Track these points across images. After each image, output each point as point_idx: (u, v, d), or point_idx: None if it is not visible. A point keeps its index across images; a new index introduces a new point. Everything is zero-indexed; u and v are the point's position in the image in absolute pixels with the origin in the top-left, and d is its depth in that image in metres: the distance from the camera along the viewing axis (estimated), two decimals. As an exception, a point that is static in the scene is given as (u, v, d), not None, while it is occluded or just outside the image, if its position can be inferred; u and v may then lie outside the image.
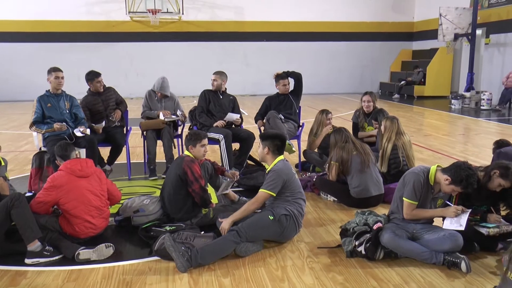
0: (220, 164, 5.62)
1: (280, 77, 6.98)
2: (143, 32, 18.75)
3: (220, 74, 6.73)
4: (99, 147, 6.03)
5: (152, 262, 3.82)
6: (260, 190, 4.17)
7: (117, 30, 18.50)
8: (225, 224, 4.02)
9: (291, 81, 7.05)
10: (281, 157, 4.32)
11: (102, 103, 6.39)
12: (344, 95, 19.30)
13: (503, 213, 4.26)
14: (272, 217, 4.03)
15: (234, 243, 3.84)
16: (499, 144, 5.59)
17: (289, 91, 7.03)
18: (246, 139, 6.44)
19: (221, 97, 6.72)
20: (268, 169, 4.29)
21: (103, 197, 4.26)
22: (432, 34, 17.51)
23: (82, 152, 5.70)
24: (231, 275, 3.60)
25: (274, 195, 4.14)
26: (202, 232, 4.15)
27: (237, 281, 3.51)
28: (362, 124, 6.91)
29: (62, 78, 5.79)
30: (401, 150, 5.56)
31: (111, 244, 3.95)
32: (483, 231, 3.86)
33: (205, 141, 4.62)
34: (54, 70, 5.76)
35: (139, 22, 18.65)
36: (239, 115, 6.72)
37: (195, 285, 3.46)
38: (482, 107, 14.22)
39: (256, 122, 7.04)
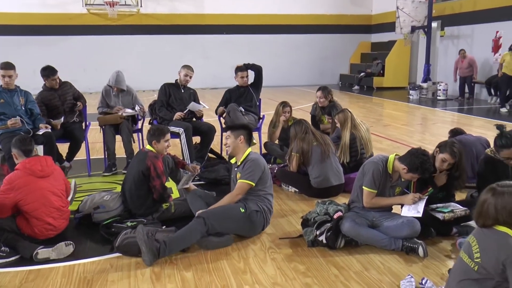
0: (181, 158, 5.59)
1: (238, 69, 6.98)
2: (101, 25, 18.35)
3: (192, 69, 6.69)
4: (57, 143, 5.88)
5: (114, 259, 3.77)
6: (239, 181, 4.15)
7: (74, 23, 18.04)
8: None
9: (252, 73, 7.06)
10: (250, 148, 4.34)
11: (59, 98, 6.21)
12: (305, 87, 19.45)
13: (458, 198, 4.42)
14: (243, 210, 4.04)
15: (200, 232, 3.82)
16: (454, 133, 5.79)
17: (249, 83, 7.05)
18: (206, 132, 6.42)
19: (182, 91, 6.67)
20: (241, 160, 4.25)
21: (64, 196, 4.17)
22: (389, 26, 17.85)
23: (40, 149, 5.54)
24: (193, 268, 3.59)
25: (253, 184, 4.12)
26: (164, 227, 4.12)
27: (199, 274, 3.51)
28: (319, 117, 7.01)
29: (10, 76, 5.44)
30: (359, 140, 5.66)
31: (71, 242, 3.87)
32: (439, 216, 3.98)
33: (169, 136, 4.61)
34: (2, 67, 5.46)
35: (97, 15, 18.25)
36: (202, 106, 6.69)
37: (157, 279, 3.43)
38: (438, 97, 14.62)
39: (216, 113, 7.04)
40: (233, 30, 19.50)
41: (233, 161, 4.42)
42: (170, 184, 5.14)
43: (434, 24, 15.76)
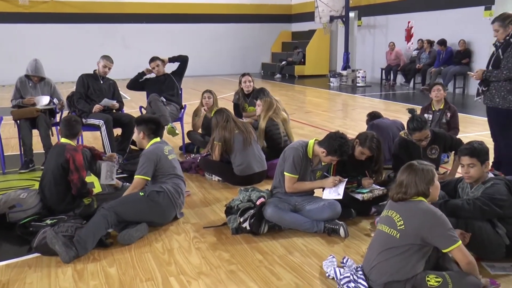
0: (102, 151, 5.44)
1: (150, 60, 6.98)
2: (11, 12, 17.22)
3: (111, 60, 6.50)
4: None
5: (32, 259, 3.60)
6: (135, 176, 4.17)
7: (-22, 10, 16.85)
8: None
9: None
10: (157, 139, 4.34)
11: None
12: (227, 76, 19.46)
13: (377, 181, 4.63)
14: (142, 193, 4.04)
15: (105, 219, 3.75)
16: (372, 116, 6.02)
17: (172, 72, 7.02)
18: (128, 124, 6.26)
19: (101, 82, 6.47)
20: None
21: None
22: (309, 16, 18.21)
23: None
24: (117, 263, 3.52)
25: (149, 179, 4.15)
26: (85, 222, 3.99)
27: (124, 269, 3.44)
28: (243, 105, 7.05)
29: None
30: (281, 126, 5.75)
31: (-17, 245, 3.67)
32: (358, 197, 4.16)
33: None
34: None
35: (6, 1, 17.10)
36: (115, 101, 6.50)
37: (80, 278, 3.33)
38: (358, 84, 15.15)
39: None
40: (154, 19, 19.08)
41: None
42: (91, 178, 4.99)
43: (351, 14, 16.26)
